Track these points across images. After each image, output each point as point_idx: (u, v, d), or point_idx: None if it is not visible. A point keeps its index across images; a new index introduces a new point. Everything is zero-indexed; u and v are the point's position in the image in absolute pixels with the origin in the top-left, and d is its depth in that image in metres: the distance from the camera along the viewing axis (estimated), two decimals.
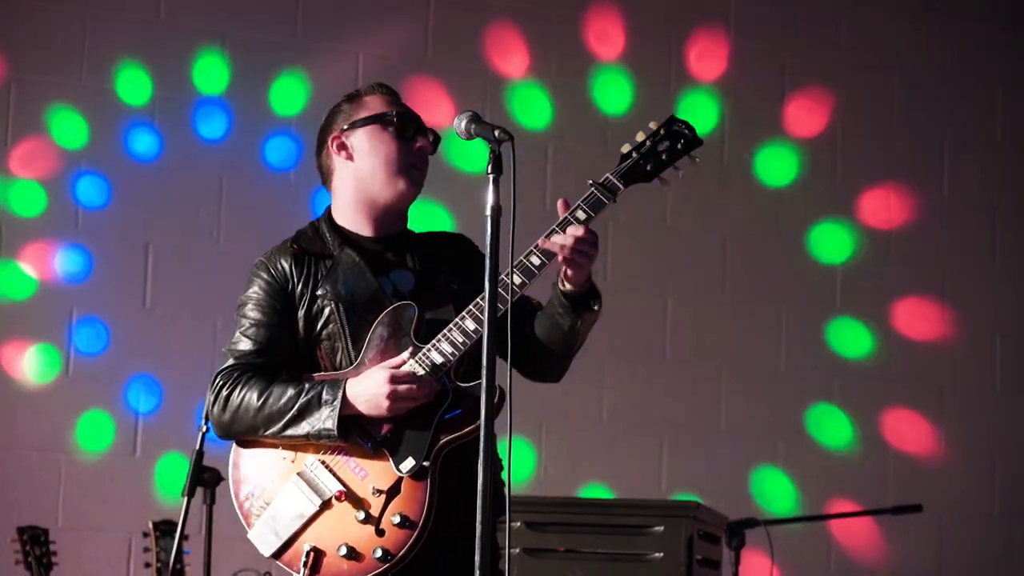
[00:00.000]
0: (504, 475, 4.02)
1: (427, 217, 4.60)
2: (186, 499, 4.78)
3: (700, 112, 7.56)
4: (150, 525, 5.67)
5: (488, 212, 3.68)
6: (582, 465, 7.18)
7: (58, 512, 6.39)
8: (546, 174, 6.68)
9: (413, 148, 4.30)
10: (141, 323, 6.81)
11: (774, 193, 7.75)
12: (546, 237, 4.06)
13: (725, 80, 7.69)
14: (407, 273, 4.35)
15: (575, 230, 4.02)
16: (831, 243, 7.80)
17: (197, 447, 4.73)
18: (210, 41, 6.98)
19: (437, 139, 4.38)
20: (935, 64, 7.97)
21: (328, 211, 4.43)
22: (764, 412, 7.56)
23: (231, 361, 4.28)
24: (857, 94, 7.88)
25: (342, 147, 4.32)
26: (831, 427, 7.63)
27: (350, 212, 4.38)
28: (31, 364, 6.66)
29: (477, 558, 3.64)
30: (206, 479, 4.97)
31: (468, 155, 6.73)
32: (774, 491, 7.45)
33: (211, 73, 6.99)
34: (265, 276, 4.33)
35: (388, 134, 4.29)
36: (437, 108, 6.90)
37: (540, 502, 5.61)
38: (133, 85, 6.89)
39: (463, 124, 3.75)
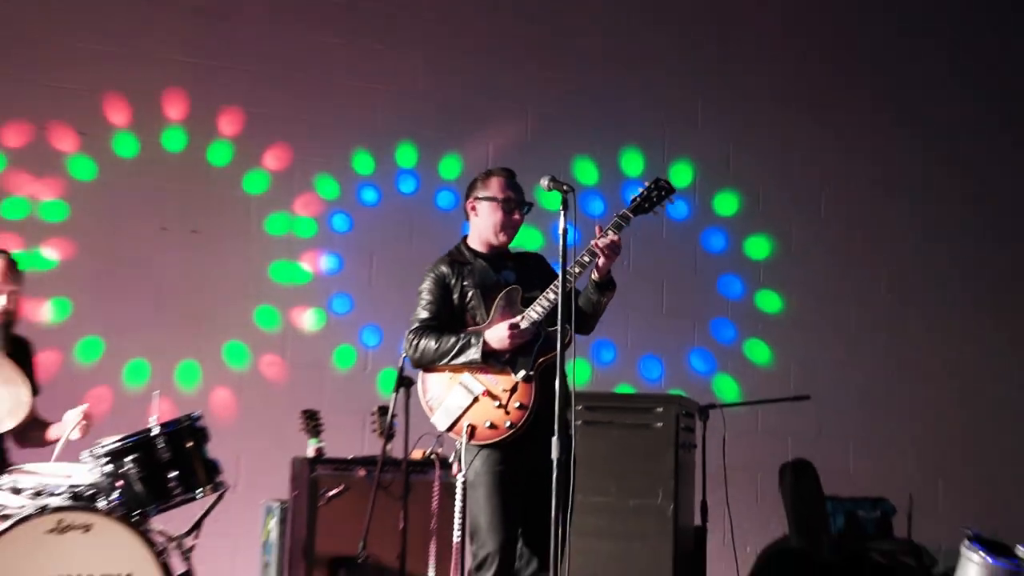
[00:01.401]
0: (570, 382, 4.04)
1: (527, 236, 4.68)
2: (394, 395, 4.87)
3: (684, 174, 7.49)
4: (376, 409, 5.70)
5: (561, 232, 3.95)
6: (617, 373, 7.12)
7: (324, 400, 6.30)
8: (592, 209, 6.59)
9: (512, 219, 4.49)
10: (369, 296, 6.81)
11: (724, 219, 7.65)
12: (594, 243, 4.27)
13: (696, 157, 7.60)
14: (510, 272, 4.51)
15: (612, 236, 4.26)
16: (758, 247, 7.68)
17: (400, 366, 4.76)
18: (407, 137, 6.97)
19: (530, 206, 4.54)
20: (811, 148, 7.84)
21: (465, 238, 4.59)
22: (720, 345, 7.49)
23: (416, 324, 4.45)
24: (769, 168, 7.76)
25: (474, 208, 4.52)
26: (758, 352, 7.56)
27: (476, 241, 4.55)
28: (308, 321, 6.70)
29: (556, 425, 3.86)
30: (405, 383, 4.88)
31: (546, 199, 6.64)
32: (726, 389, 7.39)
33: (407, 155, 6.98)
34: (434, 275, 4.50)
35: (499, 210, 4.47)
36: (532, 173, 6.82)
37: (592, 395, 5.81)
38: (365, 162, 6.87)
39: (545, 181, 4.02)
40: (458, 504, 4.54)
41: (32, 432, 4.71)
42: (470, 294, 4.46)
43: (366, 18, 6.94)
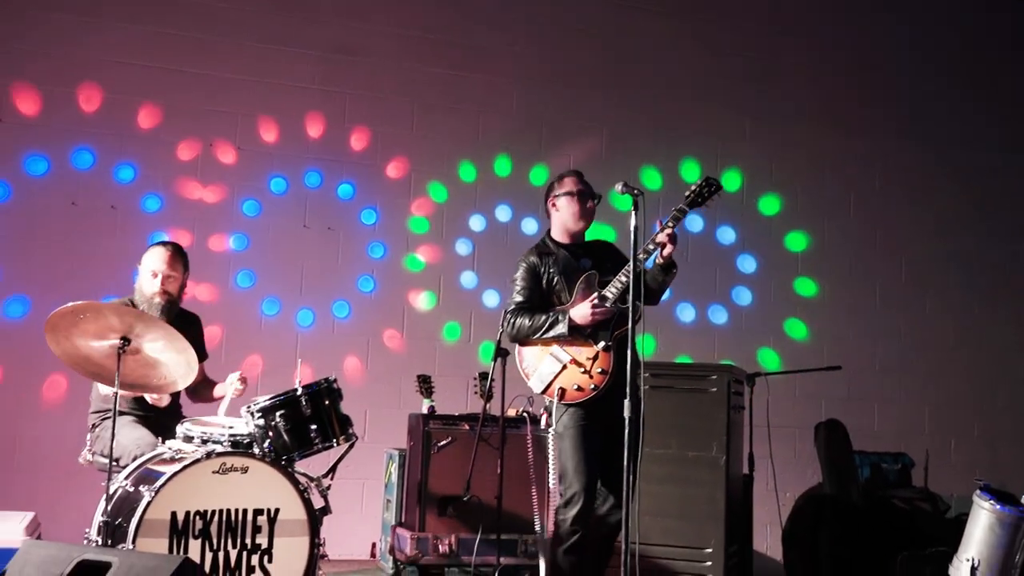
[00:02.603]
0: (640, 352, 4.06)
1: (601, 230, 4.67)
2: (493, 363, 4.81)
3: (734, 180, 7.36)
4: (477, 374, 5.69)
5: (632, 228, 3.86)
6: (677, 346, 7.03)
7: (435, 367, 6.39)
8: (658, 209, 6.41)
9: (587, 207, 4.43)
10: (473, 280, 6.79)
11: (768, 218, 7.50)
12: (655, 236, 4.21)
13: (744, 167, 7.45)
14: (588, 259, 4.46)
15: (670, 230, 4.21)
16: (796, 241, 7.52)
17: (498, 339, 4.71)
18: (504, 151, 6.91)
19: (599, 198, 4.47)
20: (839, 158, 7.67)
21: (548, 231, 4.53)
22: (763, 323, 7.35)
23: (513, 306, 4.42)
24: (804, 175, 7.59)
25: (554, 205, 4.47)
26: (796, 329, 7.40)
27: (559, 233, 4.49)
28: (423, 301, 6.69)
29: (628, 388, 3.77)
30: (501, 353, 4.85)
31: (620, 202, 6.57)
32: (769, 360, 7.25)
33: (503, 165, 6.92)
34: (525, 264, 4.46)
35: (575, 201, 4.41)
36: (607, 180, 6.81)
37: (658, 364, 5.65)
38: (469, 171, 6.84)
39: (619, 187, 3.90)
40: (552, 453, 4.53)
41: (203, 391, 4.81)
42: (556, 279, 4.42)
43: (471, 54, 6.93)
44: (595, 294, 4.33)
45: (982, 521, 4.73)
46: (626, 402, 3.78)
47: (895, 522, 5.94)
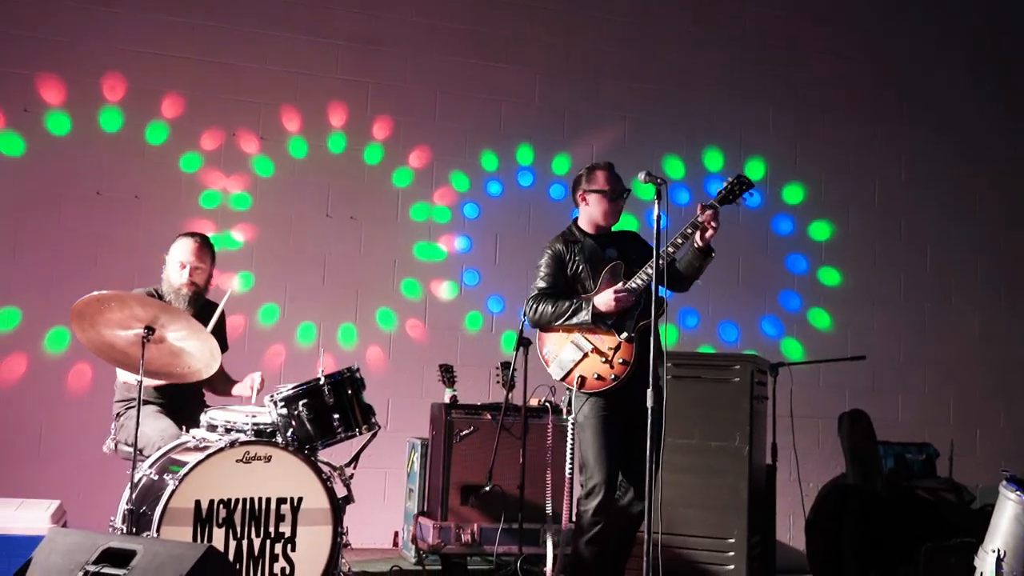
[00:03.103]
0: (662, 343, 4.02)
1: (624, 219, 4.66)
2: (515, 352, 4.83)
3: (757, 169, 7.30)
4: (500, 364, 5.66)
5: (655, 217, 3.83)
6: (700, 336, 6.98)
7: (457, 356, 6.36)
8: (680, 199, 6.43)
9: (616, 206, 4.40)
10: (494, 271, 6.75)
11: (793, 206, 7.41)
12: (695, 218, 4.22)
13: (768, 156, 7.37)
14: (613, 249, 4.43)
15: (712, 212, 4.19)
16: (820, 230, 7.43)
17: (520, 329, 4.72)
18: (525, 140, 6.86)
19: (628, 192, 4.45)
20: (863, 147, 7.59)
21: (575, 220, 4.48)
22: (787, 313, 7.28)
23: (535, 292, 4.38)
24: (828, 164, 7.51)
25: (583, 199, 4.42)
26: (820, 318, 7.31)
27: (586, 224, 4.45)
28: (443, 290, 6.66)
29: (651, 378, 3.75)
30: (523, 343, 4.90)
31: (642, 190, 6.54)
32: (792, 350, 7.18)
33: (525, 154, 6.89)
34: (550, 252, 4.43)
35: (606, 199, 4.38)
36: (629, 169, 6.76)
37: (681, 354, 5.63)
38: (490, 160, 6.81)
39: (642, 176, 3.85)
40: (569, 443, 4.58)
41: (221, 385, 4.81)
42: (581, 268, 4.40)
43: (493, 43, 6.89)
44: (620, 283, 4.31)
45: (1008, 512, 4.67)
46: (649, 392, 3.74)
47: (919, 512, 5.89)
